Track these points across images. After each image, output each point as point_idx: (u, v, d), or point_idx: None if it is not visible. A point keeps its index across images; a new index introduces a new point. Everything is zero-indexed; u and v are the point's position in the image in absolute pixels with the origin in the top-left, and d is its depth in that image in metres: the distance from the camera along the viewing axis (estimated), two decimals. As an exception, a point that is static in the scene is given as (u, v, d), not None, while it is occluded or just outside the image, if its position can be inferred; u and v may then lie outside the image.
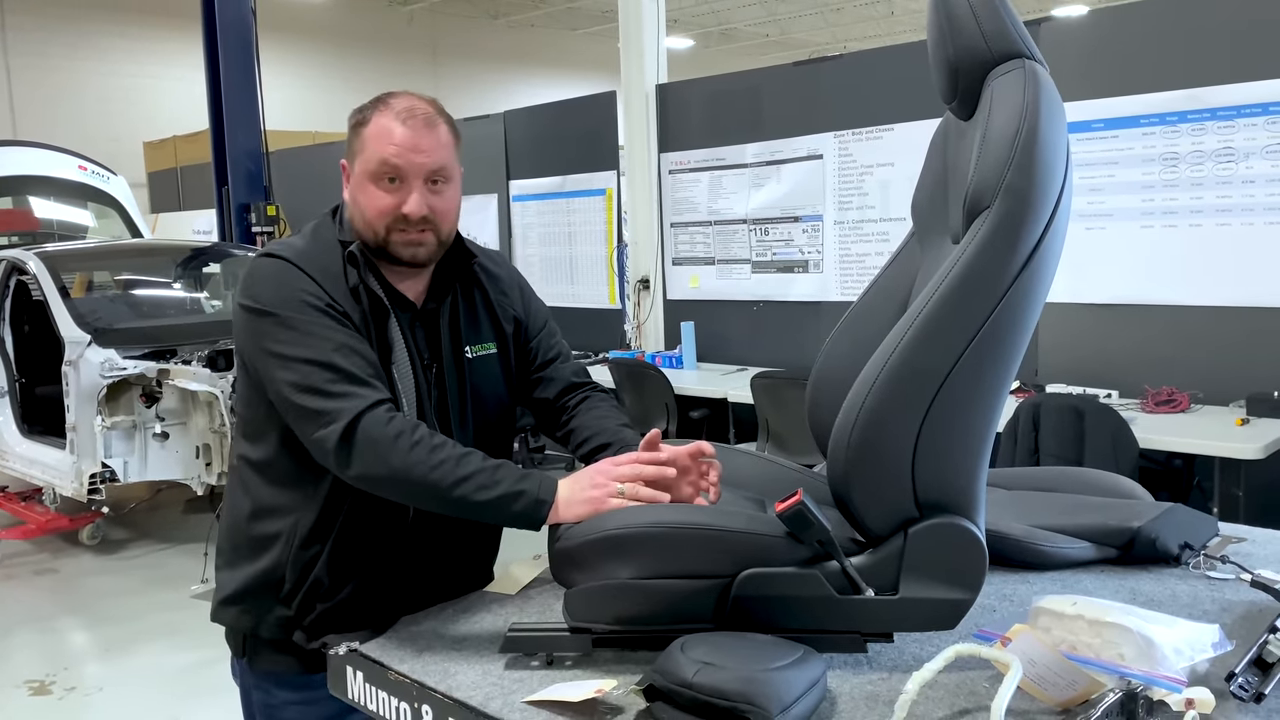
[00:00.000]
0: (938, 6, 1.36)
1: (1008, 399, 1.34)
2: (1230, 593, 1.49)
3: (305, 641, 1.60)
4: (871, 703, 1.21)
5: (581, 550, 1.35)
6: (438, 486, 1.41)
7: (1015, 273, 1.21)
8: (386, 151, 1.54)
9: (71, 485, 5.00)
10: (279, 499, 1.60)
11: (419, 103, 1.59)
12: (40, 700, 3.78)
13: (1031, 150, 1.21)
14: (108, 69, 14.03)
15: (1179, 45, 4.13)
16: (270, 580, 1.61)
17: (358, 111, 1.62)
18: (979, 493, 1.30)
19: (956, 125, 1.47)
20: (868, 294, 1.67)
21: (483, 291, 1.72)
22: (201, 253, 6.48)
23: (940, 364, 1.23)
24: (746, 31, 18.47)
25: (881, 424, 1.25)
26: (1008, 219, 1.21)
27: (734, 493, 1.56)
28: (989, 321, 1.22)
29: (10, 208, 7.62)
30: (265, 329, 1.50)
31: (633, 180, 6.39)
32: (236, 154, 6.97)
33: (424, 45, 17.30)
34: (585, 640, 1.36)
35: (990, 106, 1.27)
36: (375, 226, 1.56)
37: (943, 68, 1.38)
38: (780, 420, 4.78)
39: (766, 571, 1.29)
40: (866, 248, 5.34)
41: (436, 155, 1.56)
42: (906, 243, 1.67)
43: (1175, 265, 4.19)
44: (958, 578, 1.28)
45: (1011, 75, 1.28)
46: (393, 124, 1.55)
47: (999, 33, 1.31)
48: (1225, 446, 3.51)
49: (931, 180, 1.59)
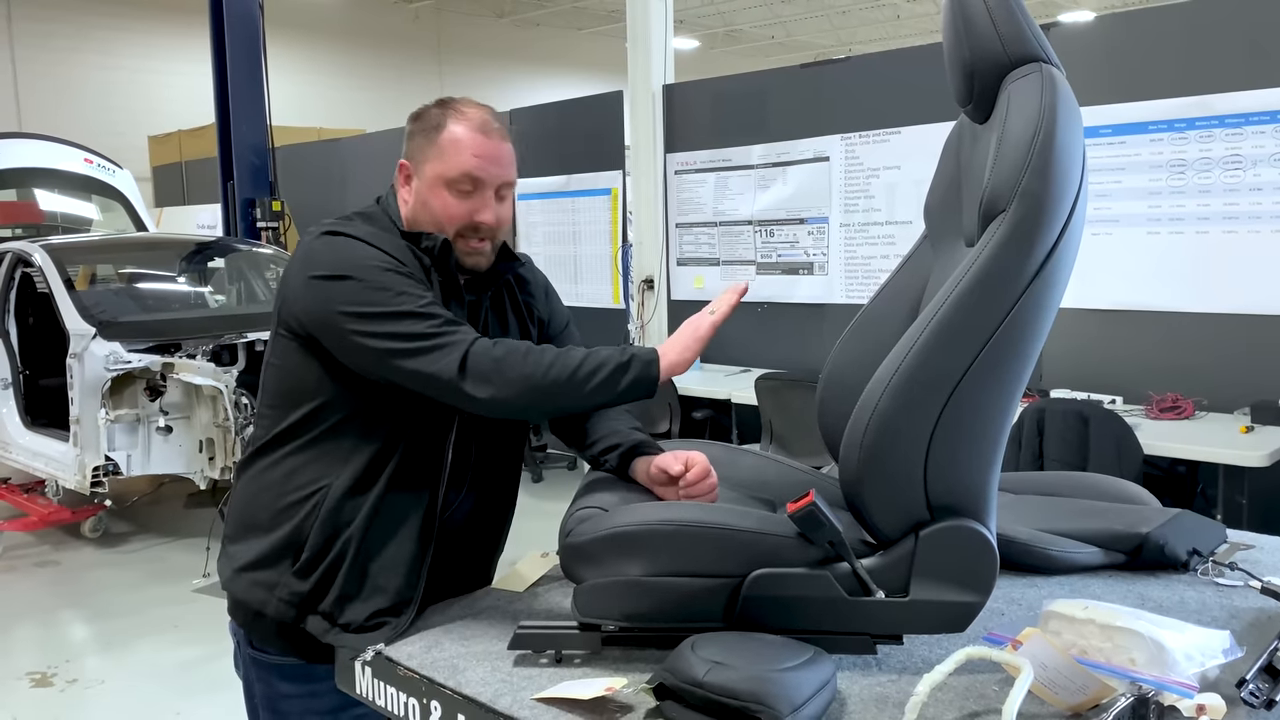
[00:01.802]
0: (954, 8, 1.36)
1: (1017, 403, 1.34)
2: (1239, 599, 1.50)
3: (321, 629, 1.57)
4: (881, 704, 1.21)
5: (592, 546, 1.35)
6: (558, 382, 1.45)
7: (1030, 277, 1.22)
8: (469, 163, 1.60)
9: (74, 478, 5.00)
10: (311, 467, 1.60)
11: (490, 115, 1.66)
12: (42, 692, 3.78)
13: (1048, 155, 1.21)
14: (113, 62, 14.04)
15: (1187, 52, 4.13)
16: (290, 547, 1.59)
17: (426, 115, 1.65)
18: (990, 496, 1.30)
19: (971, 128, 1.47)
20: (879, 297, 1.67)
21: (511, 293, 1.77)
22: (206, 247, 6.48)
23: (954, 367, 1.23)
24: (752, 33, 18.47)
25: (895, 426, 1.25)
26: (1023, 223, 1.21)
27: (743, 493, 1.56)
28: (1003, 325, 1.22)
29: (15, 200, 7.62)
30: (350, 293, 1.52)
31: (638, 180, 6.39)
32: (242, 149, 6.97)
33: (429, 43, 17.30)
34: (594, 638, 1.36)
35: (1007, 110, 1.27)
36: (446, 229, 1.62)
37: (958, 70, 1.38)
38: (784, 422, 4.78)
39: (777, 572, 1.29)
40: (872, 250, 5.33)
41: (510, 170, 1.66)
42: (918, 245, 1.67)
43: (1181, 272, 4.18)
44: (968, 580, 1.28)
45: (1029, 79, 1.28)
46: (474, 135, 1.61)
47: (1016, 36, 1.31)
48: (1230, 454, 3.50)
49: (944, 183, 1.59)
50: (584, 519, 1.40)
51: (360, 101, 14.98)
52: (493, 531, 1.76)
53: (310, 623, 1.58)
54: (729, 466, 1.64)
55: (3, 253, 5.81)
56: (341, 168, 8.44)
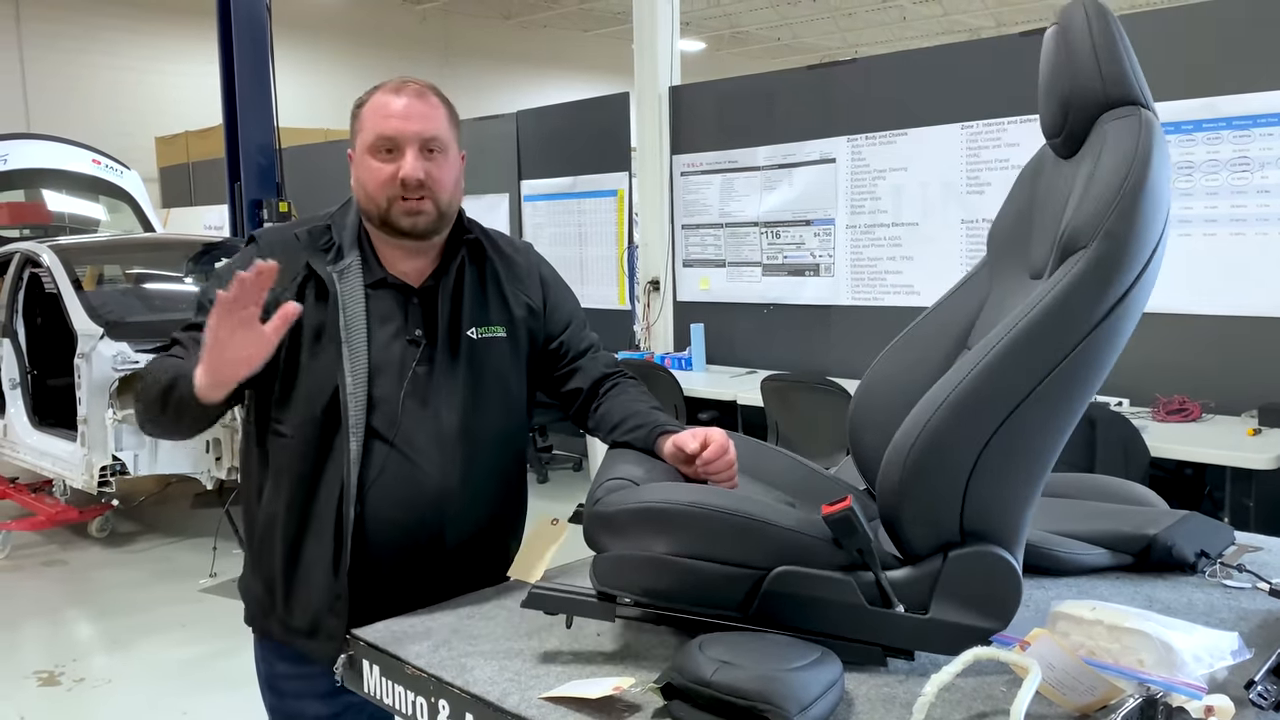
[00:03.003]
0: (1059, 40, 1.36)
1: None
2: (1247, 601, 1.49)
3: (284, 636, 1.65)
4: (889, 705, 1.21)
5: (620, 517, 1.35)
6: (142, 401, 1.60)
7: (1102, 315, 1.22)
8: (380, 124, 1.60)
9: (81, 477, 5.01)
10: (256, 470, 1.69)
11: (412, 81, 1.65)
12: (49, 691, 3.79)
13: (1137, 198, 1.21)
14: (121, 63, 14.07)
15: (1193, 53, 4.12)
16: (252, 551, 1.69)
17: (357, 101, 1.69)
18: (1023, 527, 1.29)
19: (1053, 161, 1.47)
20: (928, 318, 1.66)
21: (495, 275, 1.74)
22: (213, 248, 6.50)
23: (1012, 395, 1.23)
24: (758, 35, 18.46)
25: (943, 445, 1.25)
26: (1104, 261, 1.21)
27: (763, 488, 1.56)
28: (1067, 359, 1.22)
29: (23, 200, 7.65)
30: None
31: (644, 182, 6.40)
32: (249, 149, 6.97)
33: (436, 44, 17.32)
34: (609, 608, 1.36)
35: (1102, 148, 1.27)
36: (377, 199, 1.61)
37: (1053, 102, 1.38)
38: (790, 423, 4.78)
39: (802, 571, 1.28)
40: (878, 252, 5.33)
41: (430, 123, 1.61)
42: (977, 271, 1.66)
43: (1188, 274, 4.17)
44: (989, 607, 1.27)
45: (1126, 121, 1.28)
46: (386, 98, 1.62)
47: (1118, 76, 1.31)
48: (1237, 456, 3.49)
49: (1014, 212, 1.59)
50: (613, 489, 1.40)
51: (367, 104, 14.97)
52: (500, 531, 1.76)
53: (274, 629, 1.66)
54: (751, 460, 1.64)
55: (11, 253, 5.83)
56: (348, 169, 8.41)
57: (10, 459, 5.75)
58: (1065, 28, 1.36)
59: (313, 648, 1.61)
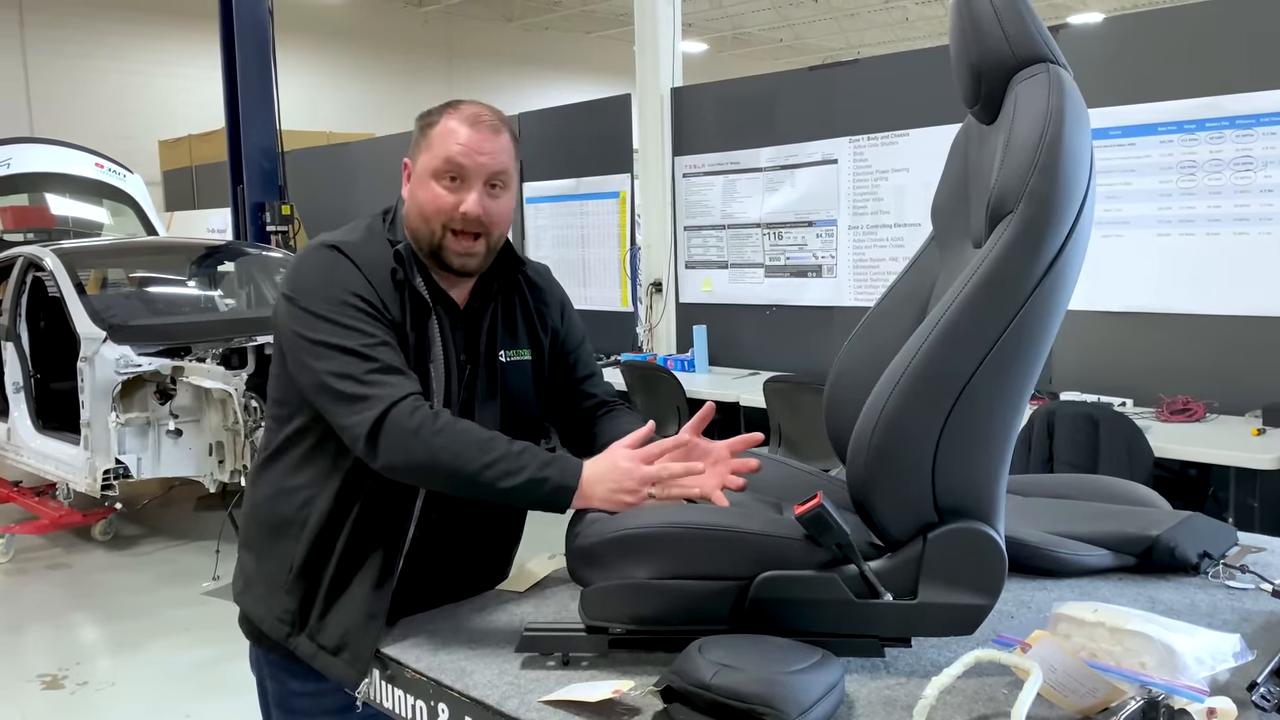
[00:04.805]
0: (961, 9, 1.36)
1: (1025, 405, 1.34)
2: (1250, 602, 1.49)
3: (309, 652, 1.58)
4: (890, 707, 1.20)
5: (599, 549, 1.35)
6: (462, 473, 1.43)
7: (1038, 278, 1.21)
8: (452, 150, 1.58)
9: (85, 481, 5.02)
10: (302, 483, 1.62)
11: (486, 110, 1.64)
12: (52, 694, 3.79)
13: (1056, 155, 1.20)
14: (124, 67, 14.10)
15: (1196, 53, 4.11)
16: (283, 564, 1.62)
17: (426, 114, 1.66)
18: (999, 498, 1.29)
19: (978, 129, 1.47)
20: (886, 299, 1.67)
21: (523, 300, 1.75)
22: (216, 251, 6.51)
23: (962, 368, 1.23)
24: (760, 36, 18.46)
25: (902, 428, 1.25)
26: (1031, 224, 1.20)
27: (750, 495, 1.56)
28: (1011, 326, 1.22)
29: (27, 205, 7.66)
30: (305, 318, 1.53)
31: (646, 183, 6.39)
32: (252, 153, 6.99)
33: (439, 47, 17.34)
34: (601, 641, 1.36)
35: (1014, 111, 1.27)
36: (432, 224, 1.59)
37: (965, 71, 1.38)
38: (793, 425, 4.77)
39: (784, 574, 1.28)
40: (880, 253, 5.33)
41: (499, 159, 1.61)
42: (925, 247, 1.66)
43: (1192, 274, 4.16)
44: (977, 583, 1.27)
45: (1036, 80, 1.28)
46: (460, 126, 1.59)
47: (1023, 36, 1.31)
48: (1241, 456, 3.48)
49: (951, 184, 1.59)
50: (590, 521, 1.40)
51: (370, 105, 15.02)
52: (507, 530, 1.76)
53: (300, 645, 1.59)
54: None
55: (14, 257, 5.84)
56: (351, 172, 8.46)
57: (14, 462, 5.76)
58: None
59: (334, 667, 1.55)
